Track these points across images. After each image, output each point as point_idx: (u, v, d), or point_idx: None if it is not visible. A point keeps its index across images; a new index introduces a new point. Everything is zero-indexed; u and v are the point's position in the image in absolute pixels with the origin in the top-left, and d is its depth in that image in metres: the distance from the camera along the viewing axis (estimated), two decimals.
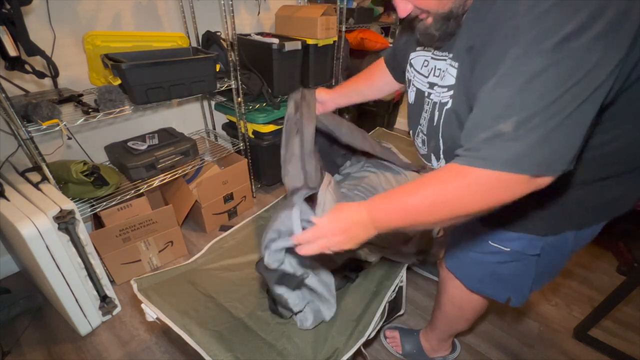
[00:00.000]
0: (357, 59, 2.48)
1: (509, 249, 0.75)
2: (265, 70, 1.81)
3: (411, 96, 0.79)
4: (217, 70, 1.53)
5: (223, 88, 1.63)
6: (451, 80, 0.62)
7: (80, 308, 1.19)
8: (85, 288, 1.18)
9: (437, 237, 1.42)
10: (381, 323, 1.01)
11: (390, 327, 1.27)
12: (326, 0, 2.27)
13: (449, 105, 0.64)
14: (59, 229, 1.06)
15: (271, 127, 1.88)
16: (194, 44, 1.76)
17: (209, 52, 1.51)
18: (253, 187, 2.03)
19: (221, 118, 2.15)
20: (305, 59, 1.97)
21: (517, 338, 1.30)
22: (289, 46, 1.77)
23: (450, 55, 0.63)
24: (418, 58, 0.75)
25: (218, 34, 1.69)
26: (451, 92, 0.63)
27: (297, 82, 2.02)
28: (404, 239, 1.27)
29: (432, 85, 0.69)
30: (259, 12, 2.09)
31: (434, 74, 0.69)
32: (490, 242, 0.76)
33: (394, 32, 2.89)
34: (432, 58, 0.70)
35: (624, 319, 1.39)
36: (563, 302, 1.47)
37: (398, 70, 0.92)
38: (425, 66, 0.72)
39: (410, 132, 0.84)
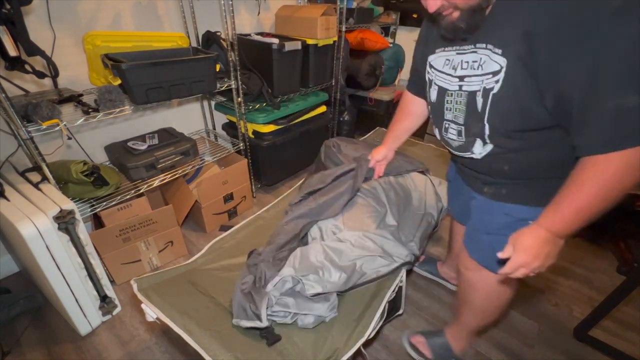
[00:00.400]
0: (357, 59, 2.48)
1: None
2: (265, 70, 1.81)
3: (433, 95, 0.82)
4: (217, 70, 1.53)
5: (223, 88, 1.63)
6: (495, 67, 0.64)
7: (80, 308, 1.19)
8: (85, 288, 1.18)
9: (434, 233, 1.42)
10: (381, 323, 1.01)
11: (414, 333, 1.24)
12: (326, 0, 2.27)
13: (495, 90, 0.66)
14: (59, 229, 1.06)
15: (271, 127, 1.88)
16: (194, 44, 1.76)
17: (209, 52, 1.51)
18: (253, 187, 2.03)
19: (221, 118, 2.15)
20: (305, 59, 1.97)
21: (517, 338, 1.30)
22: (289, 46, 1.77)
23: (485, 45, 0.65)
24: (438, 59, 0.78)
25: (218, 34, 1.69)
26: (497, 78, 0.64)
27: (297, 82, 2.02)
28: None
29: (462, 77, 0.72)
30: (259, 12, 2.09)
31: (461, 67, 0.72)
32: (529, 221, 0.72)
33: (394, 32, 2.89)
34: (457, 54, 0.72)
35: (624, 319, 1.39)
36: (563, 302, 1.47)
37: (423, 89, 0.94)
38: (448, 64, 0.75)
39: (436, 129, 0.87)
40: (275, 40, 1.76)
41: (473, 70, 0.69)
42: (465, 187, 0.96)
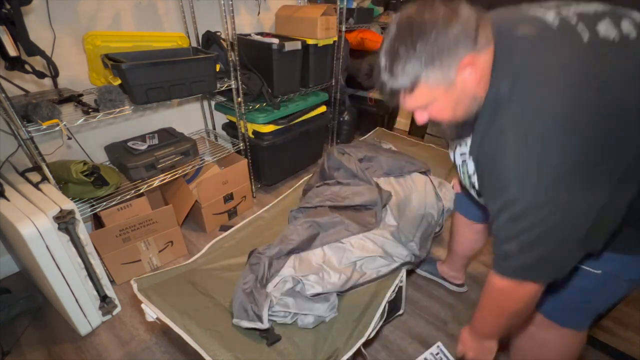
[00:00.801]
0: (357, 59, 2.48)
1: (599, 271, 0.70)
2: (265, 70, 1.81)
3: (451, 156, 0.86)
4: (217, 70, 1.53)
5: (223, 88, 1.63)
6: (471, 170, 0.71)
7: (80, 308, 1.19)
8: (85, 288, 1.18)
9: (436, 235, 1.42)
10: (381, 323, 1.01)
11: None
12: (326, 0, 2.27)
13: (477, 187, 0.71)
14: (59, 229, 1.06)
15: (271, 127, 1.88)
16: (194, 44, 1.76)
17: (209, 52, 1.51)
18: (253, 187, 2.03)
19: (221, 118, 2.15)
20: (305, 59, 1.97)
21: None
22: (289, 46, 1.77)
23: (469, 146, 0.68)
24: None
25: (218, 34, 1.69)
26: (474, 179, 0.71)
27: (297, 82, 2.02)
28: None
29: (463, 154, 0.77)
30: (259, 12, 2.09)
31: (460, 150, 0.77)
32: (582, 266, 0.71)
33: None
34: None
35: (624, 319, 1.39)
36: None
37: None
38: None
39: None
40: (275, 40, 1.76)
41: (467, 158, 0.73)
42: None
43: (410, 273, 1.53)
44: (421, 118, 0.63)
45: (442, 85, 0.55)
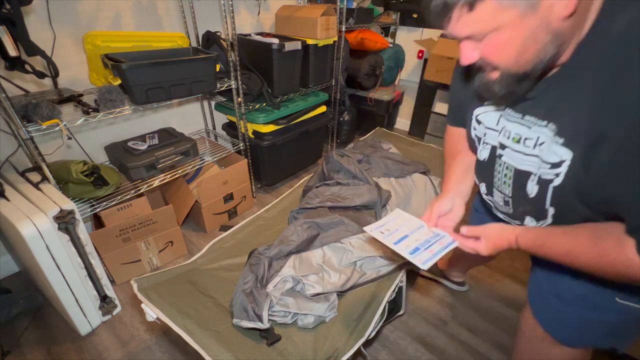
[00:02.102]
0: (357, 59, 2.48)
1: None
2: (266, 70, 1.81)
3: (483, 154, 0.71)
4: (217, 70, 1.53)
5: (223, 88, 1.63)
6: (554, 158, 0.52)
7: (80, 308, 1.19)
8: (85, 288, 1.18)
9: None
10: (381, 323, 1.01)
11: None
12: (326, 0, 2.27)
13: (556, 184, 0.54)
14: (59, 229, 1.06)
15: (271, 127, 1.88)
16: (194, 44, 1.76)
17: (209, 52, 1.51)
18: (253, 187, 2.03)
19: (221, 118, 2.15)
20: (305, 59, 1.97)
21: None
22: (289, 46, 1.77)
23: (545, 123, 0.53)
24: (488, 114, 0.67)
25: (218, 34, 1.69)
26: (557, 171, 0.53)
27: (297, 82, 2.02)
28: None
29: (502, 146, 0.63)
30: (259, 12, 2.09)
31: (504, 134, 0.63)
32: (617, 299, 0.63)
33: (394, 32, 2.89)
34: (505, 119, 0.62)
35: None
36: None
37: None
38: (497, 124, 0.65)
39: (480, 185, 0.78)
40: (275, 41, 1.76)
41: (522, 147, 0.58)
42: None
43: (410, 273, 1.53)
44: (468, 56, 0.49)
45: (517, 7, 0.40)
